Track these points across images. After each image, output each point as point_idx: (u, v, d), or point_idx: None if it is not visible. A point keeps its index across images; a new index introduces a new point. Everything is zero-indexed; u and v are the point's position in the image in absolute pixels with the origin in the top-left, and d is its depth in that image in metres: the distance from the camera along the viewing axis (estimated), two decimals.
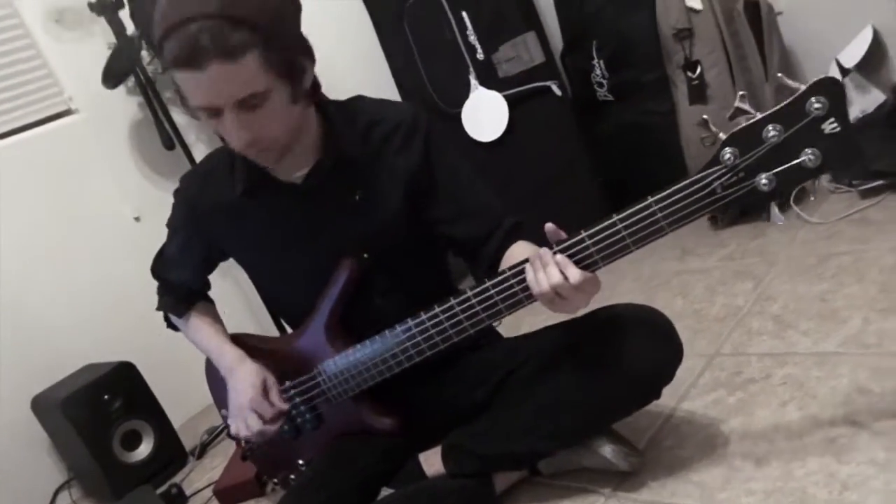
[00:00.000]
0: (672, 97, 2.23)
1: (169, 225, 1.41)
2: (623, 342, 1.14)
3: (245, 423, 1.28)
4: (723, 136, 0.89)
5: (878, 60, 2.10)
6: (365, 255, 1.24)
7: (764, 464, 1.15)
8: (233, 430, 1.33)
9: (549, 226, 1.00)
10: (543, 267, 0.98)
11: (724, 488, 1.13)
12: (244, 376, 1.29)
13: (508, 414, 1.25)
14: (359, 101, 1.27)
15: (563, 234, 1.00)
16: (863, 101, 2.07)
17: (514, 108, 2.33)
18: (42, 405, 1.99)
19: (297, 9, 1.09)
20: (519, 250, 1.18)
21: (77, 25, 2.25)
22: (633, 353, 1.13)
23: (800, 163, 0.86)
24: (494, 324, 1.65)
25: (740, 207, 0.93)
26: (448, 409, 1.32)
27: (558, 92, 2.32)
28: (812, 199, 1.96)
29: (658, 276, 2.04)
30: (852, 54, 2.03)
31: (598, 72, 2.41)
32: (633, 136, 2.40)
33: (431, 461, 1.31)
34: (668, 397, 1.42)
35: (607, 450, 1.22)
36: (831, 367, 1.33)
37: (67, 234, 2.21)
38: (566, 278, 0.96)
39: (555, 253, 0.99)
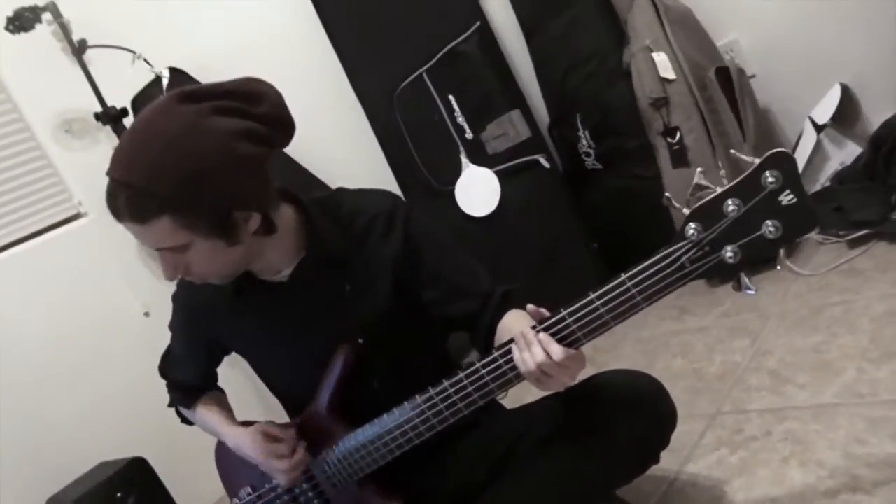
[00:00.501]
0: (656, 162, 2.30)
1: (171, 327, 1.46)
2: (613, 411, 1.16)
3: (278, 474, 1.30)
4: (686, 211, 0.93)
5: (851, 114, 2.18)
6: (360, 341, 1.28)
7: None
8: (282, 485, 1.34)
9: (529, 307, 1.04)
10: (528, 346, 1.01)
11: None
12: (245, 441, 1.32)
13: (511, 489, 1.25)
14: (339, 193, 1.33)
15: (546, 313, 1.03)
16: (840, 155, 2.14)
17: (505, 182, 2.41)
18: None
19: (236, 165, 1.07)
20: (511, 319, 1.20)
21: (84, 134, 2.38)
22: (623, 422, 1.15)
23: (761, 234, 0.90)
24: (498, 397, 1.68)
25: (709, 278, 0.96)
26: (451, 490, 1.33)
27: (546, 164, 2.40)
28: (779, 267, 2.01)
29: (657, 337, 2.07)
30: (824, 111, 2.11)
31: (584, 142, 2.50)
32: (622, 201, 2.47)
33: None
34: (672, 460, 1.44)
35: None
36: (829, 419, 1.34)
37: (80, 333, 2.26)
38: (549, 356, 0.99)
39: (538, 332, 1.02)
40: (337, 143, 2.69)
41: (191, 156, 1.03)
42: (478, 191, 2.42)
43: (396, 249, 1.26)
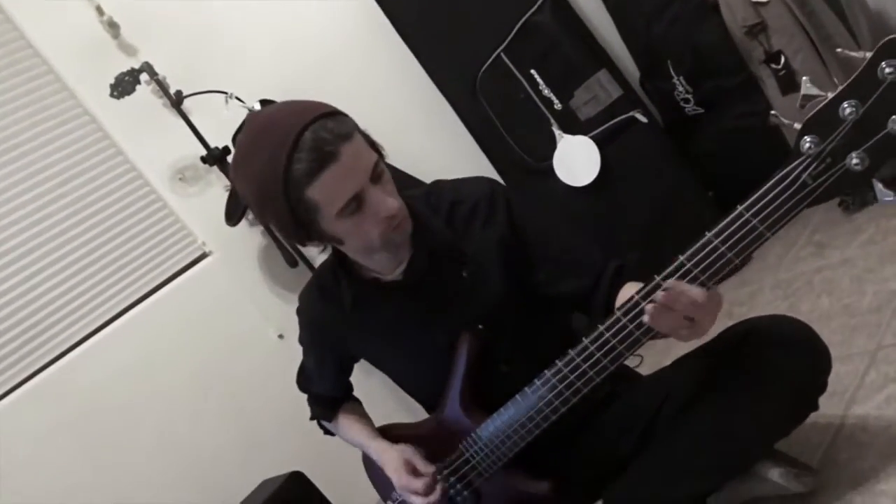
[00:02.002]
0: (763, 93, 2.15)
1: (301, 342, 1.51)
2: (762, 359, 1.09)
3: (410, 500, 1.32)
4: (797, 126, 0.86)
5: None
6: (480, 327, 1.26)
7: None
8: None
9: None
10: (678, 297, 0.96)
11: None
12: (389, 465, 1.35)
13: (661, 457, 1.20)
14: (436, 186, 1.33)
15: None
16: None
17: (604, 147, 2.32)
18: None
19: None
20: (629, 293, 1.17)
21: (196, 179, 2.52)
22: (773, 368, 1.07)
23: (888, 132, 0.81)
24: (633, 365, 1.63)
25: (838, 193, 0.87)
26: (600, 465, 1.29)
27: (644, 119, 2.29)
28: None
29: (797, 278, 1.92)
30: None
31: (680, 89, 2.37)
32: (733, 142, 2.32)
33: None
34: (834, 405, 1.33)
35: (775, 473, 1.15)
36: None
37: (223, 364, 2.40)
38: (689, 303, 0.94)
39: (663, 281, 0.97)
40: (428, 140, 2.70)
41: None
42: (577, 160, 2.35)
43: (502, 232, 1.25)
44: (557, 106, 2.33)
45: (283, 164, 1.06)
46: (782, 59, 2.02)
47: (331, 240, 1.18)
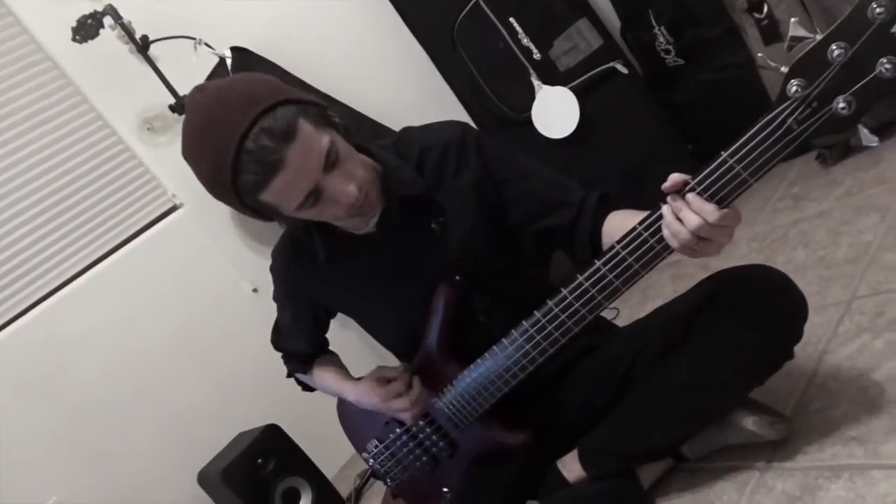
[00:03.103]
0: (745, 45, 2.11)
1: (275, 299, 1.48)
2: (737, 307, 1.09)
3: (397, 410, 1.30)
4: (784, 69, 0.83)
5: None
6: (457, 278, 1.25)
7: None
8: (407, 422, 1.35)
9: (674, 175, 0.95)
10: (676, 213, 0.93)
11: (888, 440, 1.04)
12: (362, 389, 1.34)
13: (638, 405, 1.21)
14: (405, 133, 1.30)
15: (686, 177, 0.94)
16: None
17: (583, 98, 2.28)
18: (207, 480, 2.13)
19: None
20: (619, 219, 1.13)
21: (165, 129, 2.44)
22: (749, 316, 1.07)
23: (876, 75, 0.79)
24: (610, 318, 1.63)
25: (823, 137, 0.86)
26: (576, 415, 1.30)
27: (624, 70, 2.26)
28: None
29: (773, 231, 1.92)
30: None
31: (661, 39, 2.33)
32: (714, 94, 2.30)
33: (570, 466, 1.29)
34: (808, 355, 1.34)
35: (749, 421, 1.16)
36: None
37: (197, 318, 2.37)
38: (705, 219, 0.91)
39: (684, 195, 0.93)
40: (404, 90, 2.64)
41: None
42: (555, 112, 2.31)
43: (475, 175, 1.22)
44: (537, 56, 2.28)
45: (230, 175, 1.03)
46: (765, 8, 1.99)
47: (297, 222, 1.16)
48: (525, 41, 2.29)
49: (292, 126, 1.03)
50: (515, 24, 2.28)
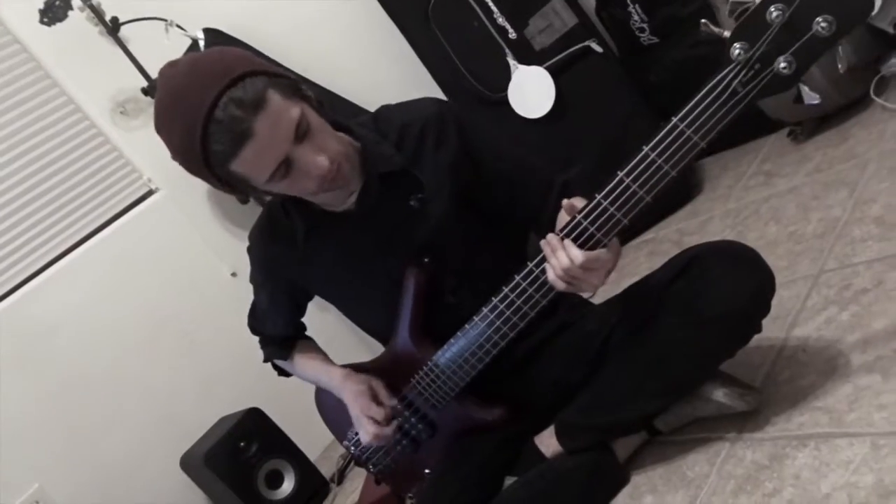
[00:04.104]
0: (718, 22, 2.12)
1: (252, 281, 1.48)
2: (707, 282, 1.11)
3: (363, 432, 1.32)
4: (727, 33, 0.86)
5: None
6: (425, 260, 1.26)
7: (892, 375, 1.08)
8: (363, 441, 1.36)
9: (564, 202, 1.05)
10: (553, 252, 1.04)
11: (852, 409, 1.08)
12: (351, 389, 1.35)
13: (612, 380, 1.23)
14: (383, 111, 1.30)
15: (579, 205, 1.03)
16: None
17: (559, 77, 2.28)
18: (189, 463, 2.14)
19: None
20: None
21: (139, 112, 2.41)
22: (719, 291, 1.09)
23: (813, 34, 0.83)
24: (587, 295, 1.65)
25: (767, 96, 0.90)
26: (553, 391, 1.32)
27: (599, 49, 2.26)
28: (841, 68, 1.79)
29: (745, 207, 1.95)
30: None
31: (636, 17, 2.34)
32: (688, 72, 2.30)
33: (547, 442, 1.31)
34: (777, 328, 1.37)
35: (720, 394, 1.18)
36: None
37: (176, 303, 2.37)
38: (571, 261, 1.01)
39: (562, 238, 1.03)
40: (379, 70, 2.63)
41: None
42: (531, 91, 2.31)
43: (452, 152, 1.23)
44: (512, 35, 2.28)
45: (199, 145, 1.03)
46: None
47: (272, 195, 1.16)
48: (500, 20, 2.28)
49: (261, 96, 1.03)
50: (490, 3, 2.27)
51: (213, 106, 1.01)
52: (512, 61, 2.30)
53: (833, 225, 1.57)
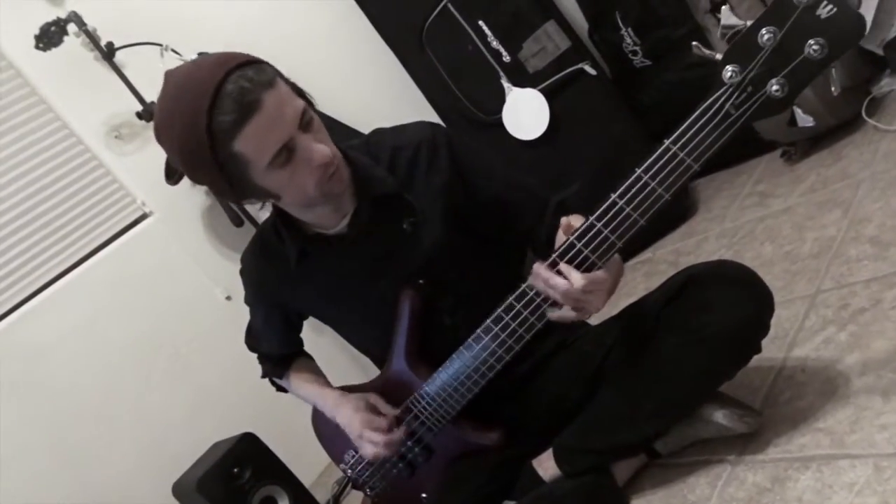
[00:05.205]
0: (710, 45, 2.14)
1: (246, 302, 1.47)
2: (705, 302, 1.11)
3: (370, 443, 1.27)
4: (718, 56, 0.86)
5: None
6: (420, 282, 1.25)
7: (892, 395, 1.07)
8: (365, 456, 1.33)
9: (563, 219, 1.05)
10: (545, 282, 1.03)
11: (854, 430, 1.07)
12: (347, 408, 1.32)
13: (609, 402, 1.22)
14: (375, 135, 1.30)
15: (576, 224, 1.02)
16: None
17: (553, 99, 2.30)
18: (182, 491, 2.10)
19: None
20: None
21: (133, 136, 2.41)
22: (717, 310, 1.09)
23: (805, 57, 0.83)
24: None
25: (760, 119, 0.90)
26: (550, 413, 1.31)
27: (592, 71, 2.28)
28: (834, 91, 1.81)
29: (741, 227, 1.96)
30: None
31: (628, 40, 2.36)
32: (680, 94, 2.32)
33: (546, 465, 1.29)
34: (776, 348, 1.36)
35: (720, 415, 1.17)
36: None
37: (170, 327, 2.34)
38: (571, 284, 1.00)
39: (550, 264, 1.02)
40: (373, 93, 2.64)
41: None
42: (526, 113, 2.32)
43: (445, 176, 1.23)
44: (506, 58, 2.30)
45: (205, 120, 1.01)
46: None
47: (267, 195, 1.14)
48: (494, 44, 2.30)
49: (270, 79, 1.05)
50: (484, 27, 2.29)
51: (223, 80, 1.01)
52: (506, 84, 2.31)
53: (829, 245, 1.57)
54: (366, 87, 2.66)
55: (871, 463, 0.99)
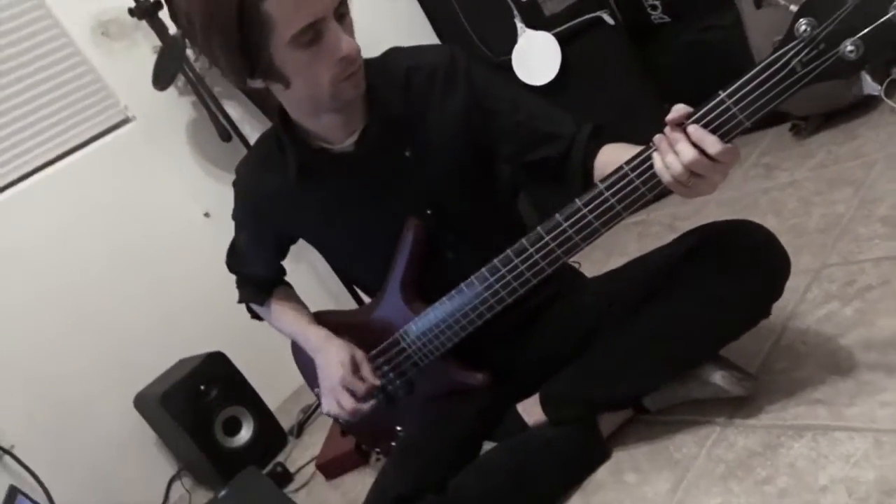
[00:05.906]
0: (735, 6, 2.07)
1: (234, 217, 1.39)
2: (721, 261, 1.06)
3: (337, 402, 1.26)
4: (794, 7, 0.79)
5: None
6: (428, 212, 1.18)
7: None
8: (325, 409, 1.31)
9: (678, 105, 0.90)
10: (673, 146, 0.88)
11: (853, 403, 1.04)
12: (332, 355, 1.27)
13: (607, 352, 1.18)
14: (393, 52, 1.22)
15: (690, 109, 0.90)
16: None
17: (565, 45, 2.21)
18: (144, 403, 2.05)
19: None
20: (611, 154, 1.08)
21: (122, 35, 2.28)
22: (733, 270, 1.04)
23: (889, 19, 0.75)
24: (576, 265, 1.59)
25: (826, 80, 0.83)
26: (541, 361, 1.27)
27: (610, 21, 2.19)
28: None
29: (744, 197, 1.91)
30: None
31: None
32: (697, 56, 2.25)
33: (531, 411, 1.26)
34: (774, 318, 1.32)
35: (717, 377, 1.14)
36: None
37: (143, 238, 2.25)
38: (702, 152, 0.86)
39: (686, 127, 0.88)
40: (384, 23, 2.52)
41: None
42: (536, 58, 2.23)
43: (463, 101, 1.15)
44: None
45: None
46: None
47: (278, 77, 1.04)
48: None
49: None
50: None
51: None
52: (520, 24, 2.22)
53: (837, 221, 1.54)
54: (376, 19, 2.53)
55: (870, 437, 0.97)
